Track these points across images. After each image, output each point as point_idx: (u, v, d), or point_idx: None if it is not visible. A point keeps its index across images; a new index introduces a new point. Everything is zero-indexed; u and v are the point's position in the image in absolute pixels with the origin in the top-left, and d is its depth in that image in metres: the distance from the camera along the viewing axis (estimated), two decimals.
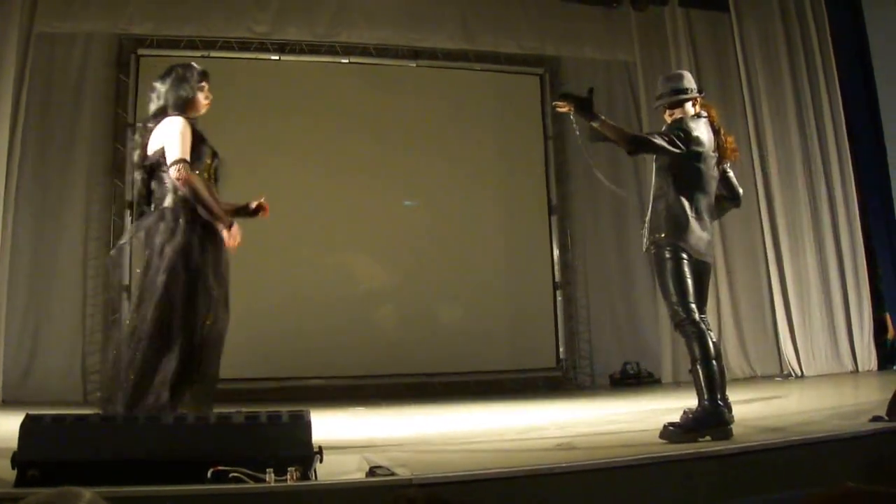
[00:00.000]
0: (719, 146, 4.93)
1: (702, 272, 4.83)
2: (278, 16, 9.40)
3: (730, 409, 4.76)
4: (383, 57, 9.87)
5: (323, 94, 9.76)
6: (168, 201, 4.51)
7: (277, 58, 9.59)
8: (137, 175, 4.66)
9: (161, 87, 4.72)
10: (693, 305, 4.62)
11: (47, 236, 8.56)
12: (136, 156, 4.67)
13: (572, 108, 4.64)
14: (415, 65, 9.97)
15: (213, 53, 9.33)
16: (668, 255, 4.70)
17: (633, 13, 10.22)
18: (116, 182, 8.85)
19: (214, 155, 4.73)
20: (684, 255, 4.69)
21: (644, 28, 10.24)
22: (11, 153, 8.14)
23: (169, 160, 4.45)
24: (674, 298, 4.65)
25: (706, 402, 4.46)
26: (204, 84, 4.78)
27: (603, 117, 4.60)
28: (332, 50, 9.69)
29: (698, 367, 4.55)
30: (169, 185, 4.50)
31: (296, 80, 9.70)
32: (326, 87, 9.80)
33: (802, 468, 3.92)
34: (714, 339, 4.68)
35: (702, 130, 4.81)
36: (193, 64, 4.92)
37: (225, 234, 4.57)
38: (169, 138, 4.49)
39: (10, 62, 8.02)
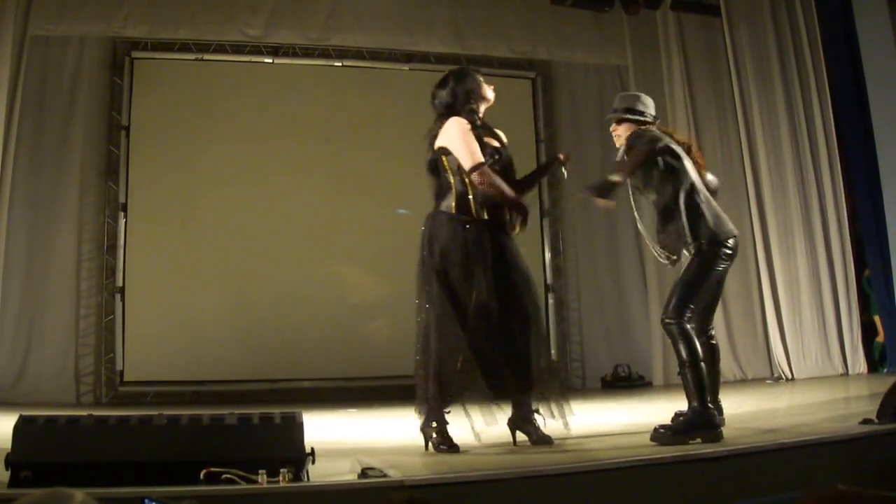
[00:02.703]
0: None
1: (722, 276, 4.91)
2: (271, 19, 9.42)
3: (721, 412, 4.80)
4: (376, 60, 9.90)
5: (316, 97, 9.79)
6: (445, 205, 4.78)
7: (271, 61, 9.61)
8: (430, 178, 4.96)
9: (443, 91, 4.99)
10: (689, 314, 4.67)
11: (41, 238, 8.59)
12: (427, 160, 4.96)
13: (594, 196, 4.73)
14: (408, 68, 9.98)
15: (207, 56, 9.38)
16: (709, 259, 4.77)
17: (624, 17, 10.24)
18: (110, 184, 8.89)
19: (496, 152, 4.86)
20: (724, 261, 4.78)
21: (636, 32, 10.28)
22: (5, 155, 8.17)
23: (466, 168, 4.68)
24: (680, 297, 4.71)
25: (696, 405, 4.48)
26: (480, 78, 5.05)
27: (616, 179, 4.65)
28: (325, 53, 9.72)
29: (686, 370, 4.57)
30: (451, 187, 4.76)
31: (289, 83, 9.72)
32: (319, 90, 9.83)
33: (793, 471, 3.93)
34: (715, 341, 4.81)
35: (654, 132, 4.90)
36: (467, 67, 5.37)
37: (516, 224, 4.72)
38: (454, 144, 4.75)
39: (4, 64, 8.06)
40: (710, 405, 4.50)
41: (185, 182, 9.15)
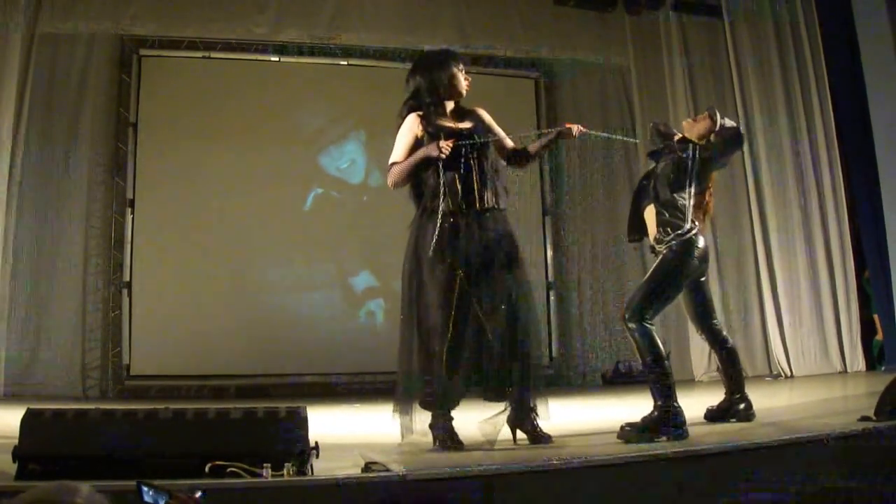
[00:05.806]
0: None
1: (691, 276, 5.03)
2: (278, 18, 9.46)
3: (751, 406, 4.93)
4: (381, 59, 9.92)
5: (321, 95, 9.85)
6: (423, 205, 4.64)
7: (277, 59, 9.65)
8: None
9: (408, 84, 4.79)
10: (651, 313, 4.76)
11: (49, 233, 8.63)
12: None
13: None
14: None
15: (214, 54, 9.43)
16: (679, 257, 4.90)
17: (626, 17, 10.27)
18: (118, 180, 8.94)
19: (452, 133, 4.60)
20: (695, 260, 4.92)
21: (638, 32, 10.31)
22: (15, 151, 8.24)
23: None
24: (644, 296, 4.80)
25: (660, 404, 4.53)
26: (455, 67, 4.79)
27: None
28: (330, 52, 9.76)
29: (649, 370, 4.64)
30: (427, 183, 4.61)
31: (295, 81, 9.76)
32: (325, 88, 9.89)
33: (791, 467, 3.98)
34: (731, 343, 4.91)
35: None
36: (448, 48, 5.04)
37: (443, 145, 4.47)
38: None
39: (14, 62, 8.10)
40: (676, 404, 4.54)
41: (192, 178, 9.21)
